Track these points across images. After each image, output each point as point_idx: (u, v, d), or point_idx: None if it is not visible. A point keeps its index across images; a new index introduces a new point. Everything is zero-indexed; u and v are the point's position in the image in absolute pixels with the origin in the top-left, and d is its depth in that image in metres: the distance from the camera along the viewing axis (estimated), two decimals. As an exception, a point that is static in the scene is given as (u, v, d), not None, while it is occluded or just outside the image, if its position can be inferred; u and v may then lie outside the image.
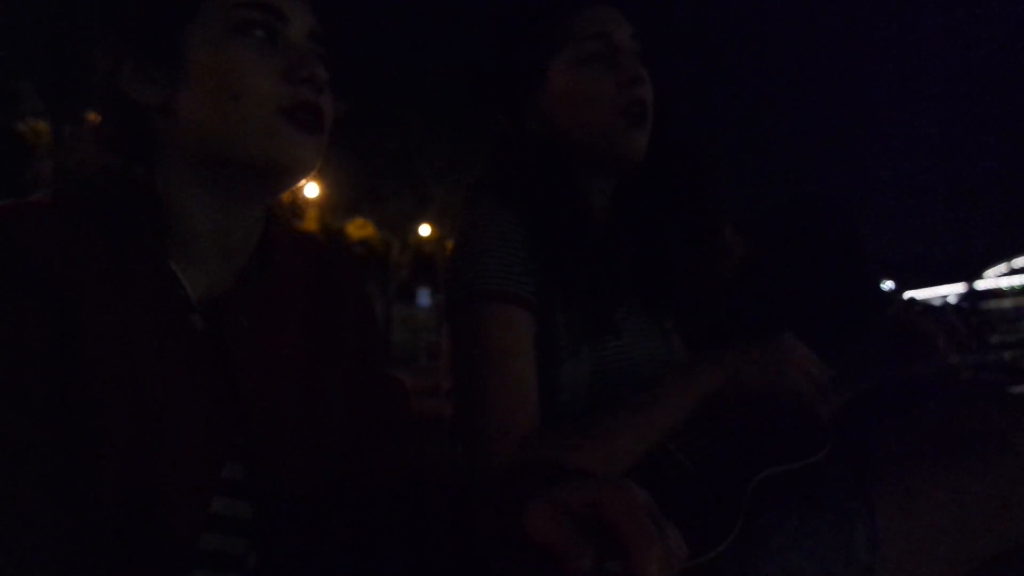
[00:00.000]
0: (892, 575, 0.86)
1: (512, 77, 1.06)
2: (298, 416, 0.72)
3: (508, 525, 0.53)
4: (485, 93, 1.10)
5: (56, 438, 0.59)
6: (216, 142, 0.67)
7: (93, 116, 0.71)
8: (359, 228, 17.93)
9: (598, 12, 1.03)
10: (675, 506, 0.90)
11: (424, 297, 17.72)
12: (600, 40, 1.02)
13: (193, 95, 0.67)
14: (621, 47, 1.02)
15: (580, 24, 1.02)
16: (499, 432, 0.92)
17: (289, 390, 0.71)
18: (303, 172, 0.70)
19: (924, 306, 1.10)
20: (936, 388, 1.17)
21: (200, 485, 0.65)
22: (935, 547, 0.88)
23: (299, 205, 0.85)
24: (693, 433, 0.95)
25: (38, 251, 0.62)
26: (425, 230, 17.66)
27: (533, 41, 1.04)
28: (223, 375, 0.68)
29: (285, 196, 0.78)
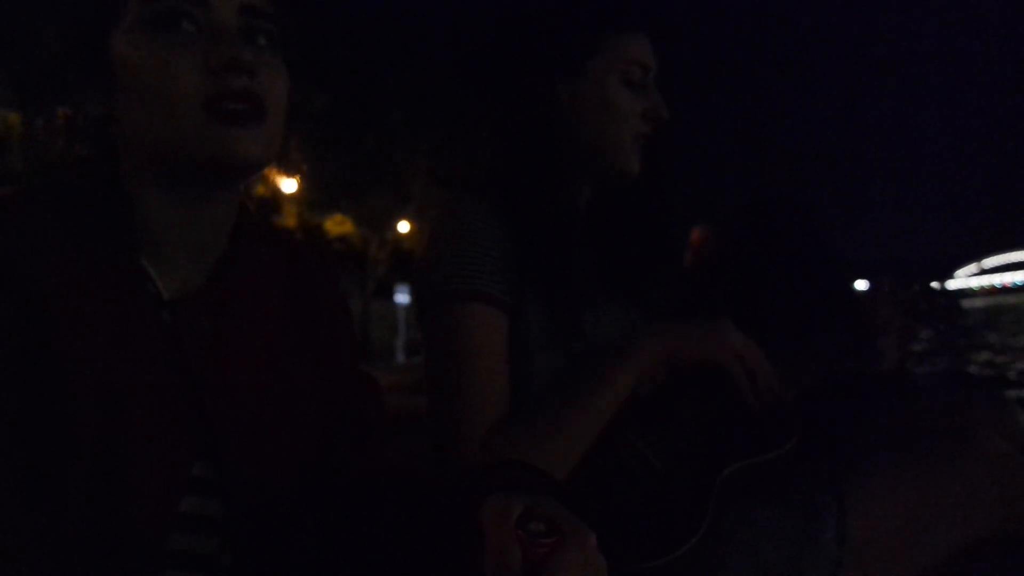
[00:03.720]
0: (860, 568, 0.87)
1: (555, 57, 1.07)
2: (267, 414, 0.71)
3: (468, 517, 0.53)
4: (521, 66, 1.08)
5: (24, 436, 0.58)
6: (155, 145, 0.65)
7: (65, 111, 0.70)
8: (337, 224, 17.79)
9: (643, 42, 1.08)
10: (643, 503, 0.91)
11: (402, 295, 17.62)
12: (641, 69, 1.07)
13: (126, 101, 0.65)
14: (651, 83, 1.09)
15: (627, 45, 1.07)
16: (469, 430, 0.92)
17: (257, 388, 0.71)
18: (248, 167, 0.66)
19: (890, 289, 1.12)
20: (904, 384, 1.20)
21: (169, 484, 0.64)
22: (902, 540, 0.90)
23: (277, 200, 0.83)
24: (659, 429, 0.96)
25: (6, 245, 0.61)
26: (404, 227, 17.58)
27: (581, 33, 1.07)
28: (188, 373, 0.67)
29: (259, 190, 0.76)
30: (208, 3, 0.65)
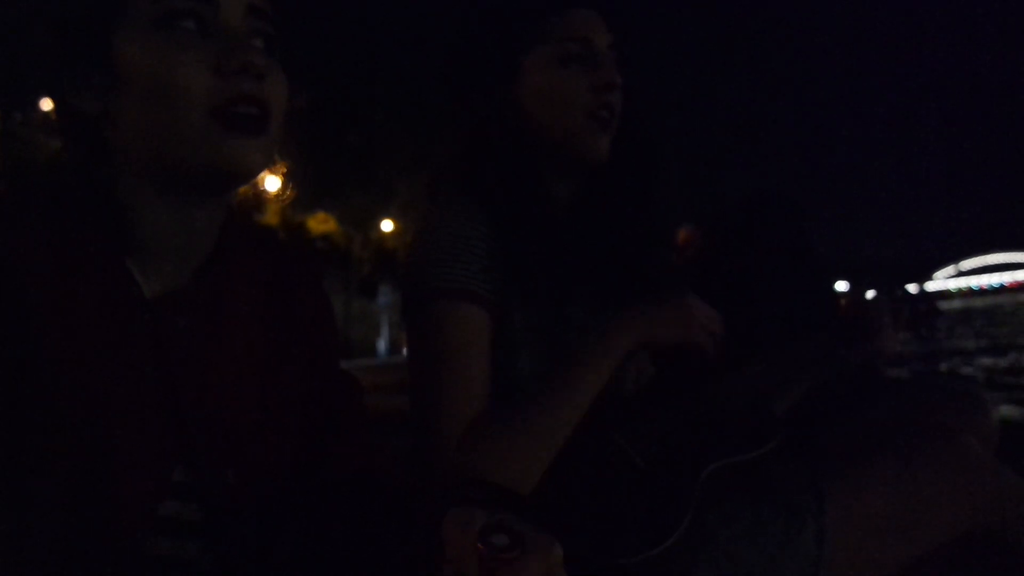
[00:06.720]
0: (838, 566, 0.88)
1: (488, 65, 1.05)
2: (247, 416, 0.70)
3: (431, 535, 0.53)
4: (461, 78, 1.09)
5: (5, 437, 0.57)
6: (155, 148, 0.64)
7: (44, 104, 0.69)
8: (321, 223, 17.72)
9: (582, 15, 1.03)
10: (624, 500, 0.92)
11: (385, 293, 17.57)
12: (580, 43, 1.02)
13: (127, 100, 0.64)
14: (599, 53, 1.03)
15: (563, 24, 1.02)
16: (449, 427, 0.92)
17: (237, 389, 0.70)
18: (248, 175, 0.65)
19: (878, 293, 1.12)
20: (882, 386, 1.21)
21: (150, 488, 0.63)
22: (880, 539, 0.91)
23: (260, 199, 0.82)
24: (642, 427, 0.96)
25: None
26: (388, 226, 17.54)
27: (512, 32, 1.04)
28: (170, 375, 0.66)
29: (244, 191, 0.76)
30: (217, 3, 0.64)
